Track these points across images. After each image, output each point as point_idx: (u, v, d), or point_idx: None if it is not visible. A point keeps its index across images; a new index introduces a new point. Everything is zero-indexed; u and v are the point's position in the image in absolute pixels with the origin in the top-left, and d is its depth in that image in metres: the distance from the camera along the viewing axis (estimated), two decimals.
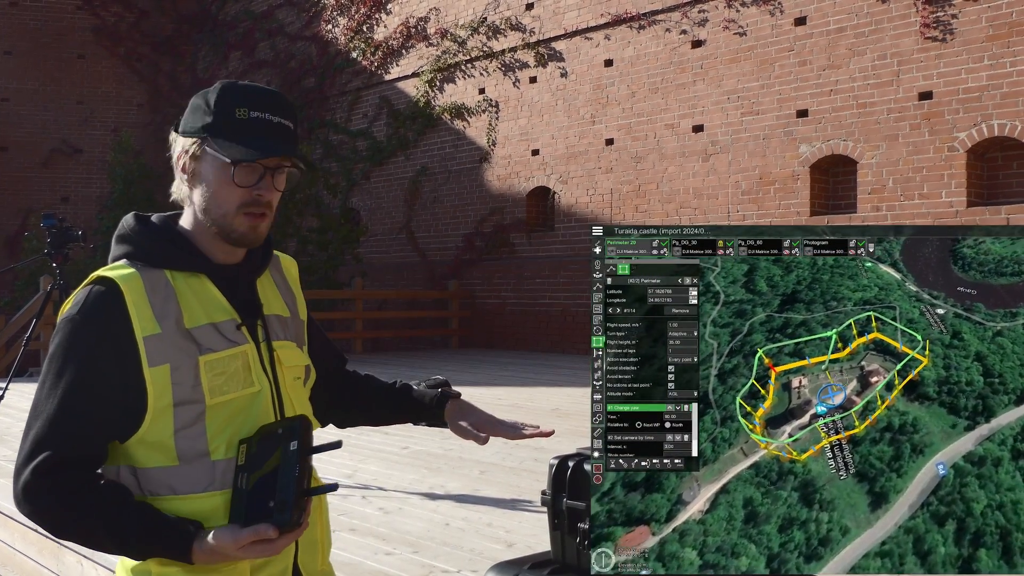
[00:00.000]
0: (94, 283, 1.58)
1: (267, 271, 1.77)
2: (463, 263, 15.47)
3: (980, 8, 9.93)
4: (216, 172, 1.61)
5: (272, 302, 1.74)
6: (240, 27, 20.61)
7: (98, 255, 15.55)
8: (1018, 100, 9.65)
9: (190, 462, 1.57)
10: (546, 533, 2.12)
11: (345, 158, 17.69)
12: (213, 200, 1.62)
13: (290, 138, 1.64)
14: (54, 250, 6.80)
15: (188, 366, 1.57)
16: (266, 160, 1.61)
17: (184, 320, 1.59)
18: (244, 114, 1.60)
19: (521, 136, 14.72)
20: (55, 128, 20.97)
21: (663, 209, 12.72)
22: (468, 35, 15.46)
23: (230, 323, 1.63)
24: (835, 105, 11.06)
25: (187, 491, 1.57)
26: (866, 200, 10.80)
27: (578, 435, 6.87)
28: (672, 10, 12.66)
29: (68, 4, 21.15)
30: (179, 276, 1.61)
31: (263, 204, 1.62)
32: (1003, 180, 10.10)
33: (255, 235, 1.64)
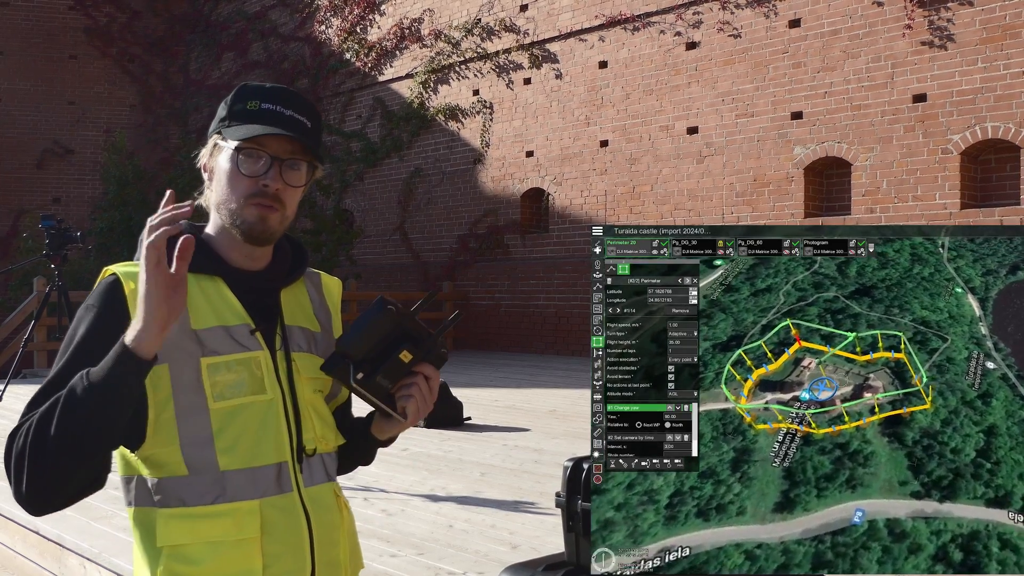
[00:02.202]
0: (105, 280, 1.59)
1: (302, 284, 1.74)
2: (457, 264, 15.46)
3: (974, 11, 9.96)
4: (226, 163, 1.60)
5: (298, 314, 1.70)
6: (233, 28, 20.57)
7: (92, 256, 15.51)
8: (1012, 103, 9.68)
9: (199, 472, 1.53)
10: (550, 535, 2.12)
11: (339, 159, 17.67)
12: (224, 192, 1.60)
13: (303, 131, 1.62)
14: (53, 251, 6.77)
15: (189, 367, 1.54)
16: (274, 150, 1.59)
17: (191, 321, 1.56)
18: (255, 105, 1.60)
19: (515, 137, 14.72)
20: (47, 129, 20.89)
21: (657, 211, 12.73)
22: (462, 36, 15.45)
23: (243, 327, 1.60)
24: (829, 107, 11.08)
25: (195, 502, 1.53)
26: (860, 202, 10.82)
27: (576, 436, 6.89)
28: (667, 12, 12.67)
29: (60, 4, 21.08)
30: (192, 278, 1.54)
31: (270, 195, 1.59)
32: (996, 182, 10.13)
33: (264, 227, 1.60)
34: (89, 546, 4.07)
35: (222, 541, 1.52)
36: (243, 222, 1.59)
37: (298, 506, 1.59)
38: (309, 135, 1.63)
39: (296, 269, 1.72)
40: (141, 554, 1.58)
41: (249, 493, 1.55)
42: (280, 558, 1.56)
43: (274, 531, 1.56)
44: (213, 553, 1.52)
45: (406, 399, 1.61)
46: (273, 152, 1.59)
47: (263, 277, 1.66)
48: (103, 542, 4.12)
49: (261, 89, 1.62)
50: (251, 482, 1.55)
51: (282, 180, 1.60)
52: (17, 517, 4.63)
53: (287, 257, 1.71)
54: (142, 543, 1.57)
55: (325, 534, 1.63)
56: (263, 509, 1.56)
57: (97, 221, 16.03)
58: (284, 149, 1.60)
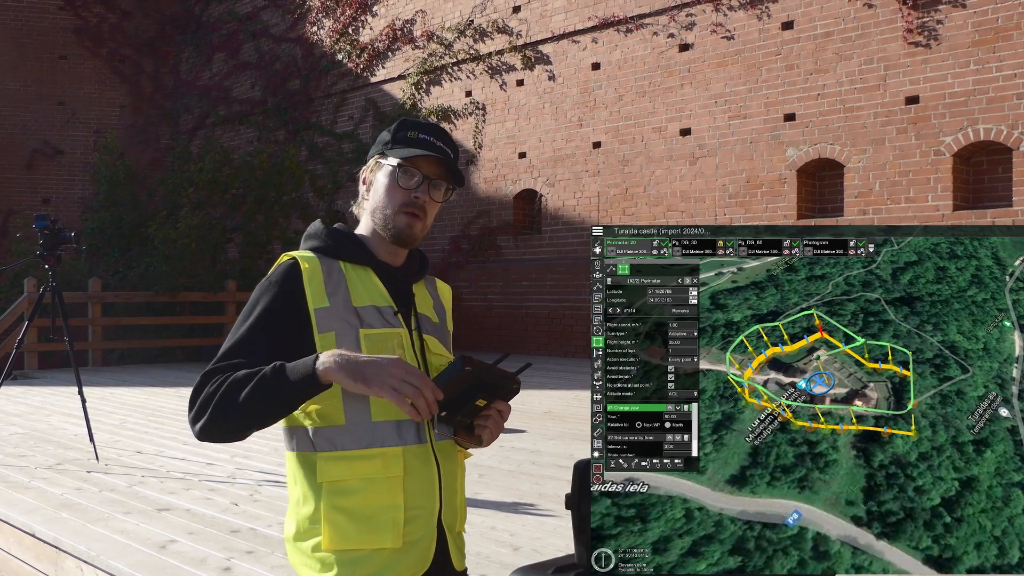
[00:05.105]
0: (284, 261, 1.96)
1: (423, 284, 2.12)
2: (450, 265, 15.44)
3: (966, 14, 9.99)
4: (385, 177, 2.01)
5: (424, 305, 2.09)
6: (224, 28, 20.52)
7: (84, 256, 15.45)
8: (1004, 104, 9.71)
9: (355, 423, 1.89)
10: (551, 536, 2.11)
11: (331, 160, 17.64)
12: (381, 201, 2.00)
13: (447, 156, 2.00)
14: (47, 251, 6.72)
15: (351, 336, 1.90)
16: (425, 170, 1.98)
17: (352, 299, 1.95)
18: (415, 135, 2.01)
19: (508, 139, 14.72)
20: (36, 129, 20.81)
21: (650, 212, 12.74)
22: (455, 38, 15.44)
23: (388, 309, 1.98)
24: (822, 109, 11.11)
25: (349, 447, 1.88)
26: (853, 204, 10.85)
27: (572, 438, 6.89)
28: (660, 14, 12.68)
29: (50, 4, 20.99)
30: (350, 267, 1.99)
31: (418, 206, 1.99)
32: (989, 184, 10.16)
33: (411, 232, 2.00)
34: (86, 548, 4.04)
35: (373, 478, 1.88)
36: (394, 226, 1.99)
37: (431, 455, 1.94)
38: (452, 163, 2.02)
39: (422, 269, 2.12)
40: (305, 489, 1.92)
41: (394, 440, 1.90)
42: (417, 495, 1.91)
43: (413, 473, 1.91)
44: (366, 487, 1.88)
45: (482, 428, 1.94)
46: (425, 172, 1.99)
47: (401, 272, 2.06)
48: (100, 544, 4.10)
49: (418, 123, 2.04)
50: (396, 432, 1.91)
51: (429, 195, 2.00)
52: (12, 519, 4.60)
53: (416, 260, 2.12)
54: (305, 480, 1.92)
55: (449, 481, 1.98)
56: (405, 455, 1.91)
57: (87, 222, 15.96)
58: (433, 171, 2.00)
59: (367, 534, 1.87)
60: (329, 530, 1.87)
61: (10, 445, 6.77)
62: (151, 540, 4.16)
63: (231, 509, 4.77)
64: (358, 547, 1.87)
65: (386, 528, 1.87)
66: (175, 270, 14.24)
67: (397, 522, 1.88)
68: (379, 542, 1.87)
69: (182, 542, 4.13)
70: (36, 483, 5.38)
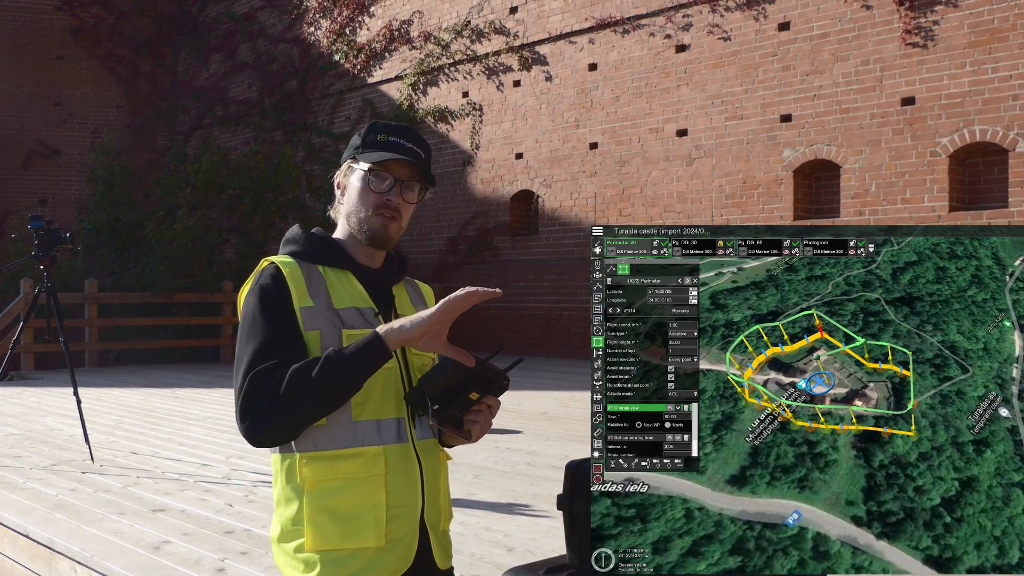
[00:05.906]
0: (265, 267, 1.99)
1: (403, 285, 2.15)
2: (446, 266, 15.43)
3: (962, 15, 10.01)
4: (358, 181, 2.03)
5: (404, 306, 2.11)
6: (221, 29, 20.50)
7: (80, 257, 15.42)
8: (1000, 106, 9.73)
9: (336, 423, 1.91)
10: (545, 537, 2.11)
11: (327, 161, 17.62)
12: (355, 204, 2.03)
13: (420, 161, 2.02)
14: (42, 252, 6.70)
15: (334, 336, 1.94)
16: (397, 173, 2.01)
17: (333, 301, 1.97)
18: (384, 138, 2.04)
19: (505, 140, 14.71)
20: (33, 129, 20.77)
21: (647, 213, 12.74)
22: (452, 38, 15.44)
23: (369, 310, 2.01)
24: (818, 110, 11.12)
25: (330, 447, 1.90)
26: (849, 204, 10.86)
27: (568, 438, 6.89)
28: (656, 15, 12.69)
29: (47, 4, 20.96)
30: (329, 270, 2.02)
31: (392, 207, 2.01)
32: (984, 185, 10.18)
33: (386, 233, 2.02)
34: (80, 549, 4.03)
35: (354, 477, 1.90)
36: (369, 228, 2.02)
37: (412, 453, 1.97)
38: (423, 164, 2.04)
39: (401, 271, 2.15)
40: (288, 490, 1.94)
41: (375, 440, 1.93)
42: (399, 494, 1.93)
43: (395, 472, 1.93)
44: (348, 487, 1.90)
45: (472, 423, 1.94)
46: (396, 174, 2.02)
47: (380, 274, 2.09)
48: (94, 545, 4.08)
49: (389, 126, 2.06)
50: (377, 431, 1.94)
51: (402, 197, 2.03)
52: (6, 520, 4.59)
53: (395, 261, 2.14)
54: (287, 482, 1.94)
55: (432, 480, 2.01)
56: (386, 454, 1.93)
57: (84, 222, 15.92)
58: (404, 173, 2.02)
59: (350, 534, 1.89)
60: (312, 531, 1.90)
61: (5, 446, 6.75)
62: (145, 541, 4.15)
63: (226, 510, 4.75)
64: (340, 547, 1.89)
65: (368, 527, 1.89)
66: (171, 271, 14.22)
67: (379, 521, 1.90)
68: (362, 541, 1.89)
69: (176, 543, 4.12)
70: (31, 484, 5.36)
